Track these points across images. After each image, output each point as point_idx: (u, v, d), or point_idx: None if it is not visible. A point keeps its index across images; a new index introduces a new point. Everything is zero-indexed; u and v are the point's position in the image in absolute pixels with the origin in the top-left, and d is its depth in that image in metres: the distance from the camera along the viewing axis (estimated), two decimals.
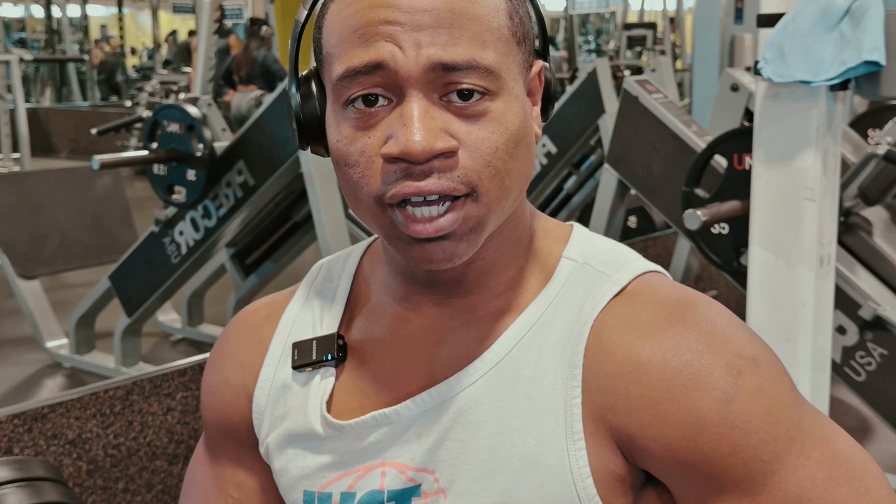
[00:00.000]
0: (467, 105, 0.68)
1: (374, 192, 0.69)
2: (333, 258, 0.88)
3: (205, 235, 3.34)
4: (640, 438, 0.70)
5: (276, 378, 0.83)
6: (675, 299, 0.73)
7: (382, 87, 0.68)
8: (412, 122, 0.66)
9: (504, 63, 0.70)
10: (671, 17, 11.68)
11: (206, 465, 0.89)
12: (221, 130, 3.42)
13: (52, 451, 2.09)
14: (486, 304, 0.77)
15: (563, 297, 0.75)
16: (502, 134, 0.69)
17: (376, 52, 0.67)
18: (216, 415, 0.87)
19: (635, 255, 0.78)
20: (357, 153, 0.69)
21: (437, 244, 0.69)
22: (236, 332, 0.88)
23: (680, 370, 0.69)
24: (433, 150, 0.66)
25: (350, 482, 0.77)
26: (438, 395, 0.75)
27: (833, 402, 2.64)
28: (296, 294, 0.87)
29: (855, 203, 2.42)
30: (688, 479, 0.70)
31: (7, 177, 5.15)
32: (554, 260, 0.78)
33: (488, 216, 0.70)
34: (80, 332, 3.75)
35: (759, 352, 0.71)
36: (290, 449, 0.80)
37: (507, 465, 0.72)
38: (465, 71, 0.67)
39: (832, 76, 1.83)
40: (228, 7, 8.52)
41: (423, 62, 0.67)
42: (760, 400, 0.69)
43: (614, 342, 0.72)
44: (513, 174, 0.70)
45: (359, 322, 0.82)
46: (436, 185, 0.67)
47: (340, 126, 0.71)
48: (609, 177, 3.12)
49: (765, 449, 0.68)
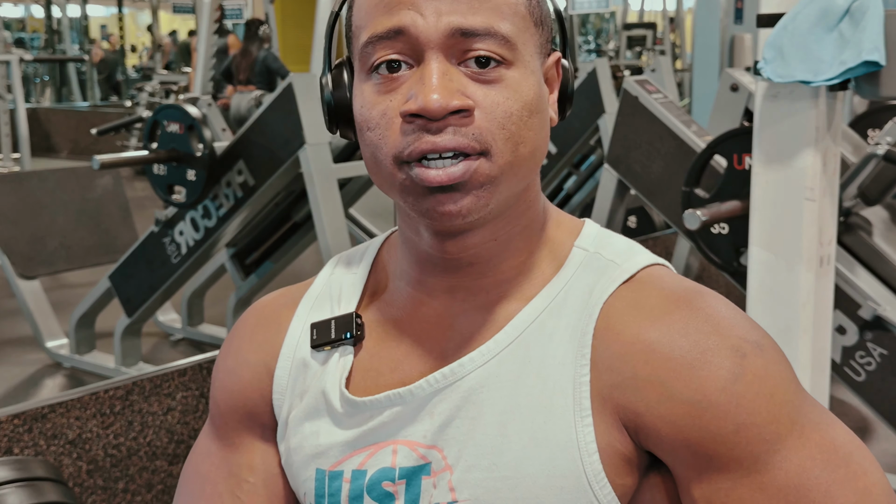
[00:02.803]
0: (484, 71, 0.71)
1: (392, 150, 0.72)
2: (352, 251, 0.90)
3: (205, 235, 3.34)
4: (647, 416, 0.71)
5: (296, 356, 0.84)
6: (683, 288, 0.76)
7: (404, 54, 0.72)
8: (430, 81, 0.70)
9: (521, 37, 0.73)
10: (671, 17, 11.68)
11: (213, 455, 0.88)
12: (221, 130, 3.42)
13: (52, 451, 2.09)
14: (497, 288, 0.79)
15: (574, 283, 0.77)
16: (517, 101, 0.72)
17: (399, 18, 0.71)
18: (234, 398, 0.86)
19: (644, 249, 0.81)
20: (378, 115, 0.72)
21: (448, 195, 0.71)
22: (253, 318, 0.89)
23: (687, 350, 0.71)
24: (449, 107, 0.69)
25: (361, 460, 0.78)
26: (451, 374, 0.76)
27: (833, 402, 2.65)
28: (314, 282, 0.88)
29: (855, 203, 2.42)
30: (691, 457, 0.71)
31: (7, 177, 5.15)
32: (566, 249, 0.80)
33: (500, 177, 0.72)
34: (80, 332, 3.75)
35: (762, 338, 0.74)
36: (308, 425, 0.81)
37: (516, 441, 0.73)
38: (482, 37, 0.71)
39: (832, 76, 1.83)
40: (228, 7, 8.53)
41: (443, 28, 0.70)
42: (765, 382, 0.71)
43: (623, 324, 0.74)
44: (526, 141, 0.73)
45: (376, 305, 0.84)
46: (451, 140, 0.70)
47: (364, 92, 0.74)
48: (609, 177, 3.12)
49: (767, 429, 0.70)
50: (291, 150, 3.06)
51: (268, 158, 3.13)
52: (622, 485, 0.73)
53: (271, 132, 3.10)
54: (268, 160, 3.13)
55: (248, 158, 3.17)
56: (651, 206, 3.12)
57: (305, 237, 3.77)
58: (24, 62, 8.19)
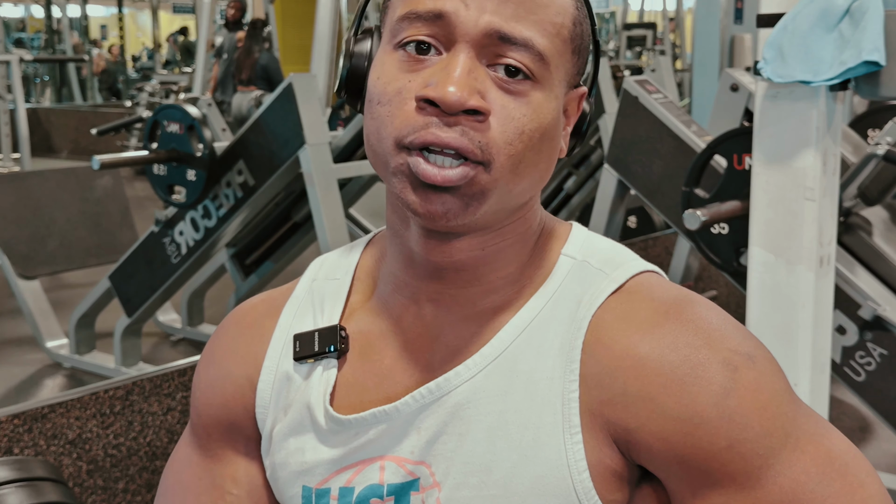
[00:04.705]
0: (510, 81, 0.70)
1: (397, 132, 0.70)
2: (334, 254, 0.88)
3: (205, 235, 3.34)
4: (638, 433, 0.71)
5: (279, 369, 0.82)
6: (672, 297, 0.74)
7: (437, 38, 0.70)
8: (454, 73, 0.68)
9: (555, 59, 0.72)
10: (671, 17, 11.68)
11: (195, 465, 0.86)
12: (221, 130, 3.42)
13: (52, 451, 2.09)
14: (484, 299, 0.77)
15: (562, 294, 0.76)
16: (533, 120, 0.70)
17: (442, 2, 0.69)
18: (216, 410, 0.85)
19: (633, 254, 0.79)
20: (393, 92, 0.70)
21: (439, 195, 0.70)
22: (234, 326, 0.87)
23: (677, 365, 0.70)
24: (465, 105, 0.67)
25: (348, 477, 0.77)
26: (437, 389, 0.75)
27: (833, 402, 2.64)
28: (296, 288, 0.86)
29: (855, 203, 2.42)
30: (684, 473, 0.71)
31: (7, 177, 5.15)
32: (553, 257, 0.79)
33: (494, 191, 0.71)
34: (80, 332, 3.75)
35: (754, 349, 0.72)
36: (293, 441, 0.80)
37: (505, 459, 0.72)
38: (519, 47, 0.69)
39: (832, 76, 1.83)
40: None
41: (483, 25, 0.69)
42: (757, 395, 0.70)
43: (612, 338, 0.72)
44: (529, 163, 0.71)
45: (360, 315, 0.82)
46: (456, 140, 0.68)
47: (386, 65, 0.72)
48: (609, 177, 3.12)
49: (761, 443, 0.69)
50: (291, 150, 3.06)
51: (268, 158, 3.13)
52: (613, 501, 0.72)
53: (271, 132, 3.10)
54: (268, 160, 3.13)
55: (248, 158, 3.17)
56: (651, 206, 3.11)
57: (305, 237, 3.77)
58: (23, 62, 8.19)
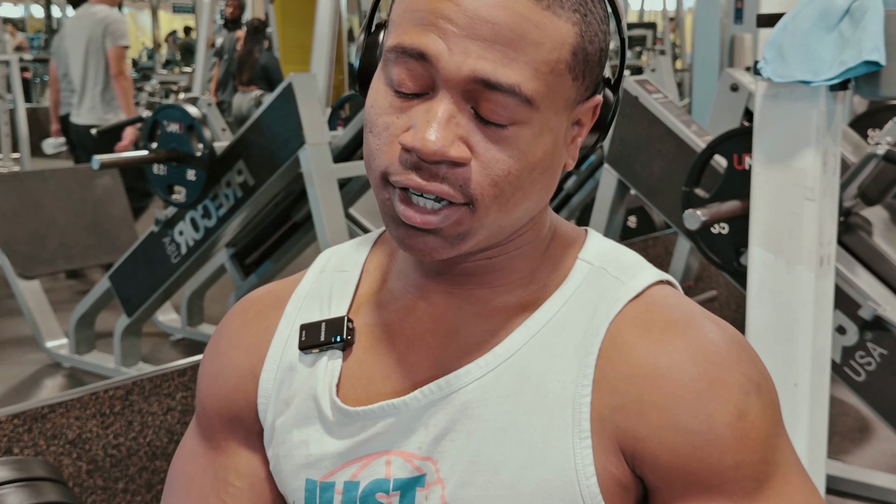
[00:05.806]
0: (495, 127, 0.68)
1: (383, 167, 0.70)
2: (344, 246, 0.87)
3: (205, 235, 3.34)
4: (647, 441, 0.71)
5: (283, 360, 0.82)
6: (690, 313, 0.75)
7: (423, 81, 0.68)
8: (434, 122, 0.67)
9: (548, 96, 0.69)
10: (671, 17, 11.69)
11: (200, 457, 0.86)
12: (221, 130, 3.42)
13: (52, 451, 2.09)
14: (497, 299, 0.77)
15: (578, 299, 0.76)
16: (519, 160, 0.69)
17: (425, 42, 0.67)
18: (219, 402, 0.85)
19: (648, 263, 0.79)
20: (382, 126, 0.70)
21: (421, 236, 0.70)
22: (239, 317, 0.87)
23: (696, 379, 0.71)
24: (445, 156, 0.67)
25: (354, 471, 0.77)
26: (447, 385, 0.74)
27: (833, 402, 2.64)
28: (303, 279, 0.86)
29: (855, 203, 2.42)
30: (683, 484, 0.71)
31: (7, 177, 5.14)
32: (569, 261, 0.78)
33: (480, 229, 0.71)
34: (80, 332, 3.75)
35: (762, 377, 0.74)
36: (297, 433, 0.79)
37: (513, 460, 0.72)
38: (505, 94, 0.67)
39: (832, 76, 1.83)
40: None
41: (466, 72, 0.67)
42: (764, 422, 0.72)
43: (630, 345, 0.72)
44: (518, 199, 0.70)
45: (368, 308, 0.82)
46: (437, 188, 0.68)
47: (379, 94, 0.71)
48: (609, 177, 3.12)
49: (761, 468, 0.71)
50: (291, 150, 3.06)
51: (268, 158, 3.13)
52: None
53: (271, 132, 3.10)
54: (268, 160, 3.13)
55: (248, 158, 3.17)
56: (651, 206, 3.11)
57: (305, 237, 3.77)
58: (23, 62, 8.19)
